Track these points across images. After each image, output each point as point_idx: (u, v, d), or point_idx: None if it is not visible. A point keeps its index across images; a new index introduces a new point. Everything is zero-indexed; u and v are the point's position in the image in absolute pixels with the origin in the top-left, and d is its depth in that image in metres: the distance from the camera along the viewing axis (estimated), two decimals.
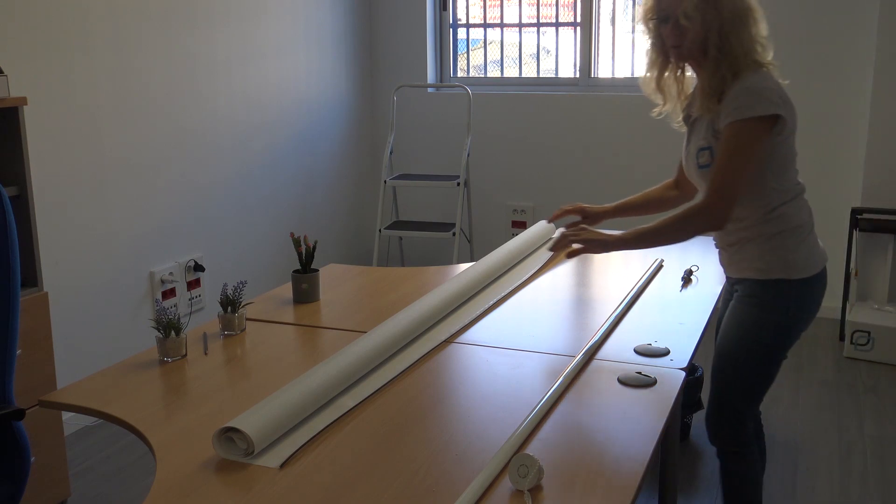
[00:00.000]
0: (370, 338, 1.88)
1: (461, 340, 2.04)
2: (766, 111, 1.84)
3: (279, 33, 4.33)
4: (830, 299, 4.38)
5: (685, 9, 1.88)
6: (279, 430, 1.51)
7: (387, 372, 1.83)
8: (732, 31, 1.89)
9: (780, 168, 1.94)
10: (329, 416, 1.61)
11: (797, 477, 2.84)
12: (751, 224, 1.98)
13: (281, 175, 4.43)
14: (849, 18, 4.17)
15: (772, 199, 1.95)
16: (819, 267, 2.01)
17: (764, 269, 1.98)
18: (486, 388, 1.77)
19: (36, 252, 2.59)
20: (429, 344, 2.00)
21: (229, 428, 1.46)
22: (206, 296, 3.89)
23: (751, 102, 1.85)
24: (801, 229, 1.98)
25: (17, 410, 1.83)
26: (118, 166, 3.39)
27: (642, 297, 2.38)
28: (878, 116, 4.10)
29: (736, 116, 1.86)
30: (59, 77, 3.11)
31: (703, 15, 1.88)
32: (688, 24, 1.89)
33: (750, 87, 1.87)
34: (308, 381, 1.64)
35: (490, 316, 2.24)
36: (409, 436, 1.54)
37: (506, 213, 5.04)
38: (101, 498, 2.78)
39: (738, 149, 1.86)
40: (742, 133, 1.86)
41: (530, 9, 4.98)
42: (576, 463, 1.43)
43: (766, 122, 1.85)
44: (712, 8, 1.88)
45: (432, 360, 1.91)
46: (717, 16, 1.88)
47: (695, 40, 1.90)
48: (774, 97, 1.86)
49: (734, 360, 2.01)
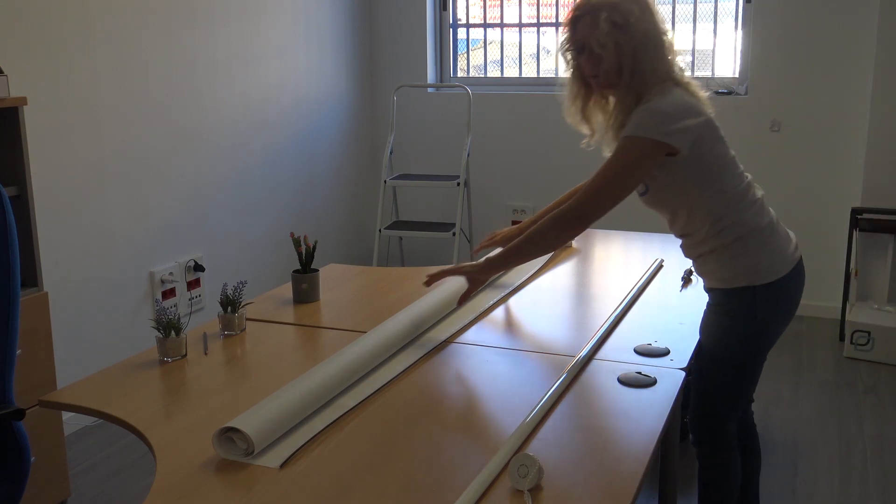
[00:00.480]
0: (370, 338, 1.88)
1: (461, 340, 2.04)
2: (655, 136, 1.84)
3: (279, 33, 4.33)
4: (830, 299, 4.39)
5: (598, 37, 1.89)
6: (279, 430, 1.51)
7: (387, 372, 1.83)
8: (645, 56, 1.90)
9: (712, 179, 1.93)
10: (329, 416, 1.60)
11: (797, 477, 2.84)
12: (704, 238, 1.97)
13: (281, 175, 4.43)
14: (849, 18, 4.17)
15: (715, 210, 1.94)
16: (787, 269, 1.98)
17: (728, 278, 1.97)
18: (486, 388, 1.77)
19: (36, 252, 2.59)
20: (429, 344, 2.00)
21: (229, 428, 1.46)
22: (206, 296, 3.89)
23: (643, 122, 1.86)
24: (758, 233, 1.96)
25: (17, 410, 1.83)
26: (118, 166, 3.39)
27: (642, 297, 2.38)
28: (878, 116, 4.10)
29: (627, 132, 1.87)
30: (59, 77, 3.11)
31: (616, 41, 1.89)
32: (602, 52, 1.90)
33: (647, 109, 1.87)
34: (308, 381, 1.64)
35: (490, 316, 2.24)
36: (409, 436, 1.54)
37: (506, 213, 5.04)
38: (101, 498, 2.78)
39: (620, 162, 1.87)
40: (628, 148, 1.87)
41: (530, 9, 4.98)
42: (576, 463, 1.43)
43: (656, 146, 1.85)
44: (624, 34, 1.88)
45: (432, 360, 1.91)
46: (630, 41, 1.89)
47: (610, 68, 1.91)
48: (670, 123, 1.85)
49: (709, 369, 2.01)
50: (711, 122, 1.92)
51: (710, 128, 1.91)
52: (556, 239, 1.98)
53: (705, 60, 4.64)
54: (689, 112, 1.88)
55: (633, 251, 2.91)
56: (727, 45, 4.56)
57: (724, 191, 1.94)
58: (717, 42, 4.59)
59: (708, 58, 4.63)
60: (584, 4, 1.95)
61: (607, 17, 1.89)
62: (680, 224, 2.02)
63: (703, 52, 4.63)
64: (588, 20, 1.93)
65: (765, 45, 4.36)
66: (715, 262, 1.98)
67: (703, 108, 1.92)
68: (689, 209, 1.96)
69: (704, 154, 1.90)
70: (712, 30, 4.58)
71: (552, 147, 4.81)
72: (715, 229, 1.95)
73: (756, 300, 1.95)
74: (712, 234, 1.96)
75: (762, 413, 3.26)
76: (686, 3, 4.61)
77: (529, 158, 4.91)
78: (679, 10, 4.63)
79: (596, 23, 1.89)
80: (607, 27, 1.88)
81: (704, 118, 1.90)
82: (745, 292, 1.96)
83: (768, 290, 1.96)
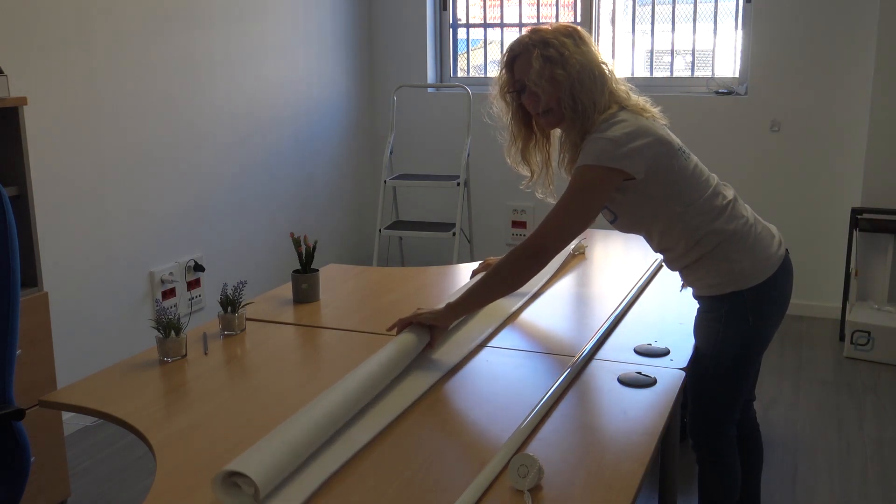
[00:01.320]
0: (368, 368, 1.69)
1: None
2: (607, 164, 1.83)
3: (279, 33, 4.33)
4: (830, 299, 4.39)
5: (532, 74, 1.89)
6: (286, 470, 1.35)
7: (393, 404, 1.65)
8: (583, 88, 1.89)
9: (678, 195, 1.92)
10: (341, 454, 1.45)
11: (797, 477, 2.84)
12: (684, 251, 1.97)
13: (281, 175, 4.42)
14: (849, 18, 4.17)
15: (688, 223, 1.93)
16: (773, 268, 1.97)
17: (715, 284, 1.96)
18: (486, 388, 1.77)
19: (36, 252, 2.59)
20: (432, 377, 1.79)
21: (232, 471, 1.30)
22: (206, 296, 3.89)
23: (593, 151, 1.85)
24: (738, 235, 1.95)
25: (17, 410, 1.83)
26: (118, 166, 3.39)
27: (642, 297, 2.38)
28: (878, 116, 4.10)
29: (580, 164, 1.87)
30: (59, 77, 3.11)
31: (552, 76, 1.88)
32: (538, 90, 1.90)
33: (595, 139, 1.86)
34: (311, 415, 1.47)
35: None
36: (409, 435, 1.54)
37: (506, 213, 5.04)
38: (101, 498, 2.78)
39: (575, 194, 1.86)
40: (582, 179, 1.86)
41: (530, 9, 4.98)
42: (576, 463, 1.43)
43: (609, 173, 1.84)
44: (560, 68, 1.88)
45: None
46: (567, 75, 1.88)
47: (550, 104, 1.91)
48: (618, 148, 1.84)
49: (704, 375, 2.00)
50: (663, 138, 1.90)
51: (662, 144, 1.89)
52: (516, 277, 1.90)
53: (705, 60, 4.64)
54: (636, 135, 1.86)
55: (633, 251, 2.91)
56: (727, 45, 4.56)
57: (692, 203, 1.93)
58: (717, 42, 4.59)
59: (708, 58, 4.63)
60: (518, 44, 1.95)
61: (539, 54, 1.89)
62: (656, 241, 2.02)
63: (703, 52, 4.63)
64: (521, 60, 1.93)
65: (765, 45, 4.36)
66: (701, 270, 1.98)
67: (653, 126, 1.90)
68: (662, 226, 1.96)
69: (663, 172, 1.89)
70: (712, 30, 4.58)
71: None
72: (692, 241, 1.94)
73: (746, 304, 1.95)
74: (691, 245, 1.95)
75: (762, 413, 3.26)
76: (686, 3, 4.61)
77: None
78: (679, 10, 4.63)
79: (529, 61, 1.90)
80: (540, 64, 1.88)
81: (654, 137, 1.88)
82: (735, 297, 1.95)
83: (758, 292, 1.95)
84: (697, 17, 4.60)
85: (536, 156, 2.10)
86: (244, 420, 1.62)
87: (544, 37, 1.91)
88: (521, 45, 1.94)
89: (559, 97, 1.90)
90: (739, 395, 2.04)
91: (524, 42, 1.94)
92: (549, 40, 1.90)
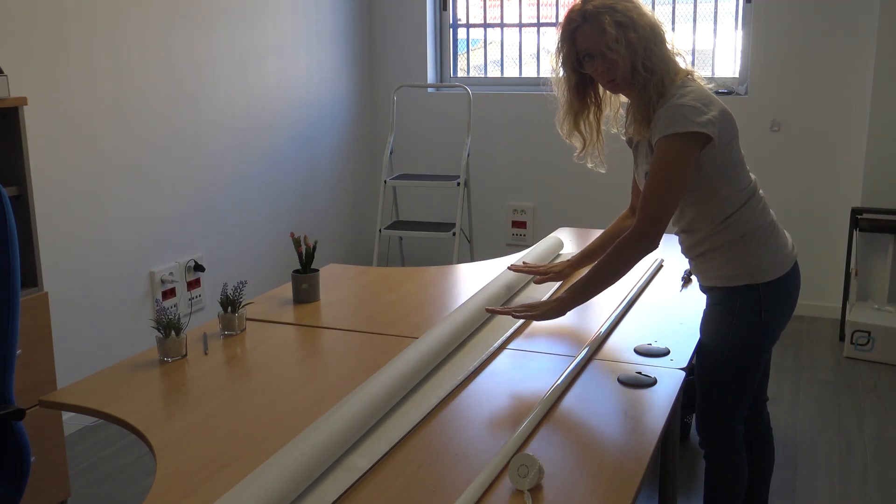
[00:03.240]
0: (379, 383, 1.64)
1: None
2: (692, 129, 1.83)
3: (279, 33, 4.33)
4: (830, 299, 4.39)
5: (608, 41, 1.87)
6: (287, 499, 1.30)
7: (399, 425, 1.59)
8: (655, 49, 1.89)
9: (730, 175, 1.93)
10: (344, 481, 1.40)
11: (797, 477, 2.84)
12: (709, 234, 1.97)
13: (281, 175, 4.42)
14: (849, 19, 4.17)
15: (725, 207, 1.94)
16: (787, 267, 1.99)
17: (730, 276, 1.97)
18: (486, 388, 1.77)
19: (36, 252, 2.59)
20: (439, 391, 1.74)
21: None
22: (206, 296, 3.89)
23: (677, 119, 1.84)
24: (762, 231, 1.97)
25: (17, 410, 1.83)
26: (118, 166, 3.39)
27: (642, 297, 2.38)
28: (878, 116, 4.10)
29: (663, 133, 1.85)
30: (59, 77, 3.11)
31: (626, 40, 1.87)
32: (616, 56, 1.88)
33: (672, 105, 1.86)
34: (311, 439, 1.42)
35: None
36: (409, 435, 1.54)
37: (506, 213, 5.04)
38: (101, 498, 2.78)
39: (667, 167, 1.85)
40: (670, 150, 1.85)
41: (530, 9, 4.98)
42: (576, 463, 1.43)
43: (694, 138, 1.84)
44: (632, 32, 1.87)
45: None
46: (638, 38, 1.87)
47: (626, 68, 1.89)
48: (699, 115, 1.84)
49: (713, 370, 2.00)
50: (729, 113, 1.92)
51: (728, 121, 1.91)
52: (631, 260, 1.92)
53: (705, 60, 4.63)
54: (711, 103, 1.88)
55: None
56: (727, 45, 4.56)
57: (738, 188, 1.95)
58: (717, 42, 4.59)
59: (708, 58, 4.63)
60: (578, 13, 1.92)
61: (612, 20, 1.87)
62: (686, 220, 2.01)
63: (703, 52, 4.63)
64: (588, 28, 1.90)
65: (765, 45, 4.36)
66: (718, 259, 1.98)
67: (718, 99, 1.92)
68: (701, 205, 1.95)
69: (725, 147, 1.90)
70: (712, 30, 4.58)
71: (552, 147, 4.81)
72: (723, 225, 1.95)
73: (759, 297, 1.95)
74: (717, 230, 1.95)
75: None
76: (686, 3, 4.61)
77: (529, 158, 4.91)
78: (679, 10, 4.63)
79: (601, 28, 1.87)
80: (615, 30, 1.86)
81: (724, 108, 1.90)
82: (749, 290, 1.96)
83: (770, 288, 1.96)
84: (697, 17, 4.60)
85: (588, 126, 2.09)
86: (244, 420, 1.62)
87: (608, 2, 1.89)
88: (582, 14, 1.91)
89: (633, 61, 1.88)
90: (748, 391, 2.03)
91: (586, 10, 1.90)
92: (615, 5, 1.88)
